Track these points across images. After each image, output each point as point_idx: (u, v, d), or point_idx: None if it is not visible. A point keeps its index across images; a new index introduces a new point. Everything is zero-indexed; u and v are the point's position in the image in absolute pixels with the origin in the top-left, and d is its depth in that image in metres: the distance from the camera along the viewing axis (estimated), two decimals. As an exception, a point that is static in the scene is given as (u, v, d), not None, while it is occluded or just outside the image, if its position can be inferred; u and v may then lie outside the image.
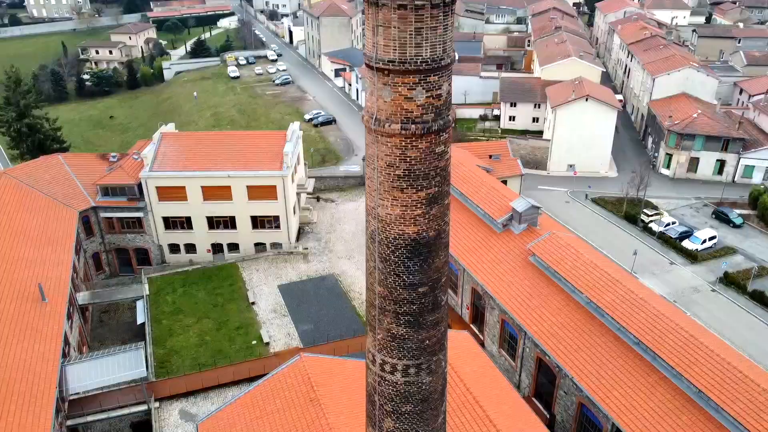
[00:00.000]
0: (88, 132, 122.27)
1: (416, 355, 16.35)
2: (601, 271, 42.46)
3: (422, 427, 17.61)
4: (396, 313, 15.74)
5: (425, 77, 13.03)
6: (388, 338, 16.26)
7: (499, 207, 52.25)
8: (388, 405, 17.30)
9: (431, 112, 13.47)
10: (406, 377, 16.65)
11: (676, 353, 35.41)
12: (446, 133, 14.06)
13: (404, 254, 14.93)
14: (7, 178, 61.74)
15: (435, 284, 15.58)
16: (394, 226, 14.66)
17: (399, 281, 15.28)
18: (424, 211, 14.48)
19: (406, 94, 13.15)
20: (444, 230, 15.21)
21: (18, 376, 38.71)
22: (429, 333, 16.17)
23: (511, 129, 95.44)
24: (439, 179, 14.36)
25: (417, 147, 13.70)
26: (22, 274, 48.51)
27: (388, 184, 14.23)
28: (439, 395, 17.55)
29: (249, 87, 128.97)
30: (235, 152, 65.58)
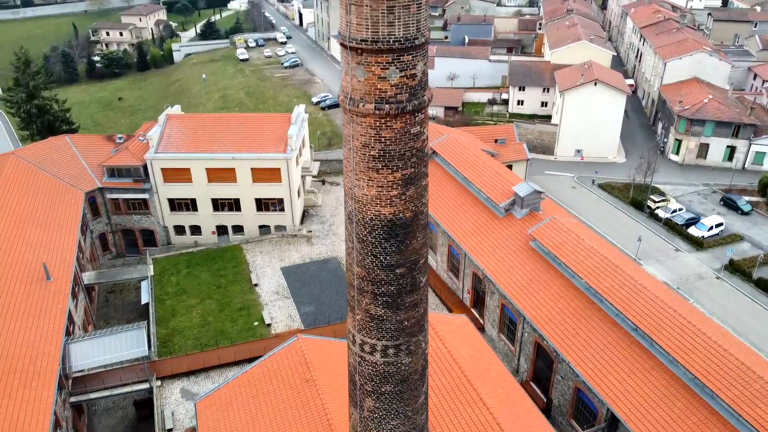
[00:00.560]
0: (97, 113, 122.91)
1: (395, 335, 16.41)
2: (601, 256, 42.23)
3: (402, 407, 17.74)
4: (374, 293, 15.78)
5: (399, 57, 12.91)
6: (367, 319, 16.32)
7: (501, 191, 52.00)
8: (368, 385, 17.42)
9: (405, 92, 13.38)
10: (386, 358, 16.74)
11: (673, 339, 35.26)
12: (422, 113, 13.96)
13: (381, 235, 14.92)
14: (15, 158, 62.30)
15: (413, 265, 15.58)
16: (370, 207, 14.65)
17: (376, 262, 15.30)
18: (400, 192, 14.44)
19: (379, 73, 13.06)
20: (421, 212, 15.16)
21: (22, 353, 39.37)
22: (408, 314, 16.20)
23: (520, 113, 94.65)
24: (415, 160, 14.29)
25: (391, 127, 13.63)
26: (28, 253, 49.12)
27: (363, 165, 14.20)
28: (420, 376, 17.64)
29: (258, 69, 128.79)
30: (239, 135, 65.64)
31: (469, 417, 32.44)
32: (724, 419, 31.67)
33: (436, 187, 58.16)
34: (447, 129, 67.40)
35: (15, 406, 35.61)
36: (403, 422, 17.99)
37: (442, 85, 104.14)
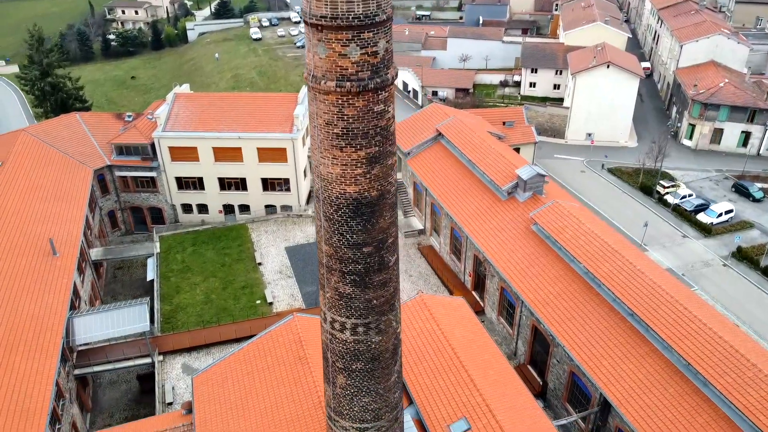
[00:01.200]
0: (111, 92, 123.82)
1: (364, 314, 16.51)
2: (601, 241, 41.89)
3: (373, 385, 17.90)
4: (342, 272, 15.87)
5: (359, 34, 12.81)
6: (336, 297, 16.43)
7: (505, 174, 51.64)
8: (340, 362, 17.59)
9: (367, 69, 13.29)
10: (355, 336, 16.87)
11: (668, 326, 35.01)
12: (385, 91, 13.86)
13: (347, 214, 14.95)
14: (26, 135, 63.18)
15: (380, 245, 15.61)
16: (335, 186, 14.67)
17: (343, 240, 15.36)
18: (365, 171, 14.42)
19: (340, 51, 12.98)
20: (388, 191, 15.14)
21: (26, 326, 40.24)
22: (376, 293, 16.27)
23: (531, 96, 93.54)
24: (380, 139, 14.24)
25: (354, 105, 13.58)
26: (36, 228, 49.94)
27: (327, 143, 14.20)
28: (391, 355, 17.75)
29: (270, 49, 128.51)
30: (246, 114, 65.76)
31: (459, 398, 32.64)
32: (715, 406, 31.51)
33: (441, 170, 57.94)
34: (454, 111, 66.86)
35: (18, 377, 36.51)
36: (375, 399, 18.16)
37: (455, 66, 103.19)
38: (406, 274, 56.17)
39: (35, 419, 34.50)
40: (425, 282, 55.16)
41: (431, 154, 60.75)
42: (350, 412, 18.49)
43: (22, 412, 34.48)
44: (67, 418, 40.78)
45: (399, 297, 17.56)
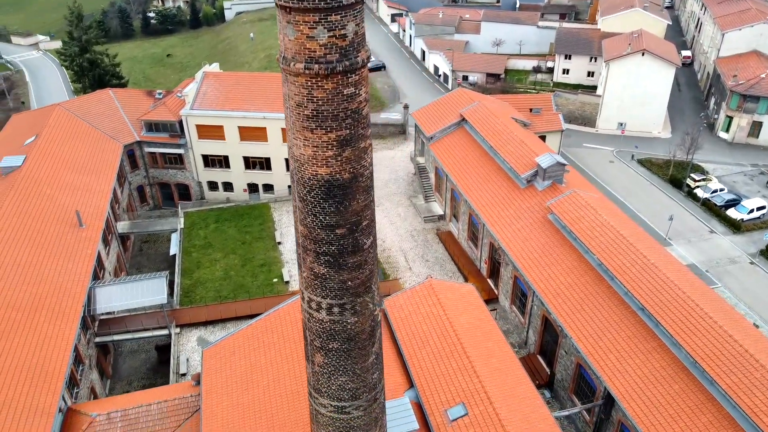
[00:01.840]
0: (149, 69, 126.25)
1: (339, 295, 16.74)
2: (617, 233, 41.13)
3: (350, 365, 18.18)
4: (316, 252, 16.10)
5: (326, 16, 12.86)
6: (311, 276, 16.70)
7: (525, 162, 51.01)
8: (317, 341, 17.91)
9: (335, 52, 13.35)
10: (331, 315, 17.13)
11: (678, 321, 34.32)
12: (355, 74, 13.91)
13: (319, 195, 15.14)
14: (61, 110, 65.17)
15: (354, 227, 15.76)
16: (307, 167, 14.85)
17: (317, 221, 15.56)
18: (336, 153, 14.55)
19: (307, 33, 13.06)
20: (361, 174, 15.24)
21: (49, 292, 41.86)
22: (351, 275, 16.47)
23: (564, 83, 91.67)
24: (351, 121, 14.32)
25: (323, 87, 13.68)
26: (65, 199, 51.66)
27: (299, 124, 14.35)
28: (368, 336, 17.98)
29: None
30: (272, 94, 66.30)
31: (458, 383, 32.78)
32: (719, 405, 30.87)
33: (462, 155, 57.54)
34: (480, 96, 66.09)
35: (39, 340, 38.10)
36: (352, 379, 18.46)
37: (488, 50, 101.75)
38: (423, 259, 56.29)
39: (53, 381, 36.01)
40: (441, 267, 55.18)
41: (454, 139, 60.34)
42: (328, 390, 18.85)
43: (41, 374, 36.04)
44: (85, 382, 42.50)
45: (377, 280, 17.72)
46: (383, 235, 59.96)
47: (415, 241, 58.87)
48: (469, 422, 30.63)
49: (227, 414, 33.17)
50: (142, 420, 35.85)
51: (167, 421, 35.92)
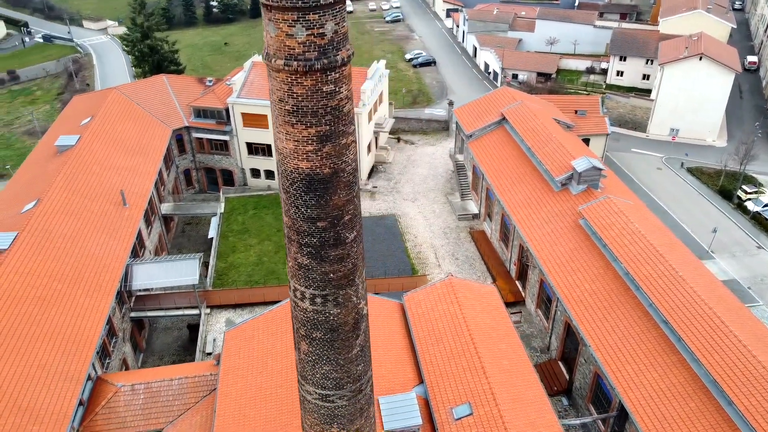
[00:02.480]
0: (207, 56, 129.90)
1: (321, 286, 17.18)
2: (647, 242, 39.97)
3: (334, 355, 18.64)
4: (299, 243, 16.58)
5: (304, 15, 13.24)
6: (295, 266, 17.21)
7: (561, 165, 50.11)
8: (302, 329, 18.45)
9: (314, 50, 13.71)
10: (314, 306, 17.61)
11: (700, 337, 33.17)
12: (335, 72, 14.24)
13: (301, 188, 15.58)
14: (117, 93, 68.19)
15: (335, 221, 16.14)
16: (289, 160, 15.31)
17: (299, 213, 16.03)
18: (316, 148, 14.94)
19: (287, 30, 13.47)
20: (343, 169, 15.58)
21: (89, 266, 44.13)
22: (333, 267, 16.87)
23: (617, 85, 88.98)
24: (331, 118, 14.67)
25: (302, 84, 14.08)
26: (112, 179, 54.17)
27: (281, 119, 14.82)
28: (351, 328, 18.36)
29: (359, 22, 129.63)
30: (316, 86, 67.30)
31: (467, 383, 32.79)
32: (735, 427, 29.74)
33: (500, 155, 56.99)
34: (523, 95, 65.15)
35: (75, 311, 40.28)
36: (335, 369, 18.91)
37: (541, 49, 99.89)
38: (453, 257, 56.18)
39: (84, 350, 38.07)
40: (470, 266, 54.94)
41: (493, 138, 59.79)
42: (313, 378, 19.37)
43: (74, 343, 38.15)
44: (117, 354, 44.66)
45: (361, 274, 18.06)
46: (416, 230, 60.15)
47: (447, 238, 58.78)
48: (473, 422, 30.63)
49: (241, 395, 34.30)
50: (164, 393, 37.53)
51: (186, 396, 37.46)
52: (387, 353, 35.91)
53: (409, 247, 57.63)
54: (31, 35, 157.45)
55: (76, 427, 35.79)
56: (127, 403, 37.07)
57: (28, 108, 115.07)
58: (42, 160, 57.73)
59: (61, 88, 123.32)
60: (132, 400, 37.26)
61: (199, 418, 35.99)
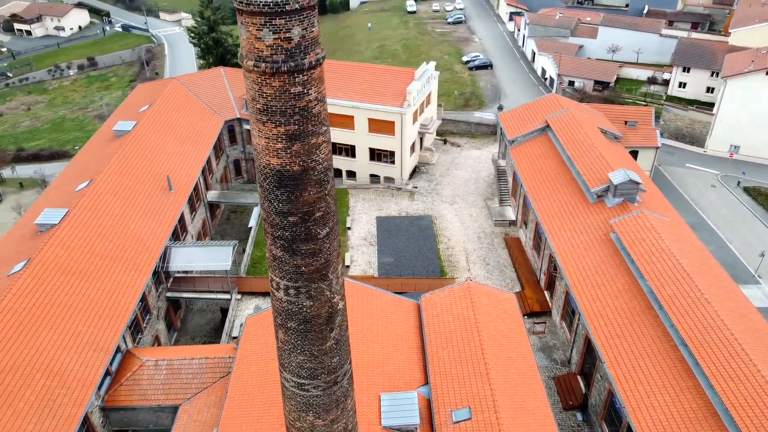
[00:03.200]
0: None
1: (294, 278, 17.94)
2: (675, 261, 38.67)
3: (308, 346, 19.38)
4: (273, 235, 17.39)
5: (270, 20, 13.98)
6: (271, 257, 18.04)
7: (598, 176, 49.02)
8: (279, 318, 19.28)
9: (281, 53, 14.43)
10: (288, 296, 18.39)
11: (717, 363, 31.93)
12: (303, 75, 14.90)
13: (272, 183, 16.37)
14: (176, 83, 71.49)
15: (306, 216, 16.84)
16: (262, 156, 16.13)
17: (272, 207, 16.83)
18: (286, 146, 15.67)
19: (255, 34, 14.26)
20: (312, 168, 16.25)
21: (130, 245, 46.74)
22: (305, 261, 17.59)
23: (679, 97, 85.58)
24: (299, 118, 15.36)
25: (271, 85, 14.83)
26: (161, 164, 56.95)
27: (254, 116, 15.65)
28: (325, 321, 19.04)
29: (421, 23, 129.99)
30: (364, 84, 68.39)
31: (470, 388, 32.88)
32: (743, 459, 28.56)
33: (539, 162, 56.26)
34: (571, 103, 63.93)
35: (112, 287, 42.80)
36: (309, 359, 19.64)
37: (602, 56, 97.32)
38: (484, 262, 55.93)
39: (116, 324, 40.46)
40: (500, 273, 54.55)
41: (535, 145, 59.03)
42: (289, 366, 20.18)
43: (107, 317, 40.60)
44: (150, 330, 47.10)
45: (336, 269, 18.67)
46: (450, 233, 60.19)
47: (480, 243, 58.53)
48: (471, 427, 30.73)
49: (252, 379, 35.66)
50: (184, 371, 39.44)
51: (204, 376, 39.23)
52: (397, 351, 36.42)
53: (441, 249, 57.76)
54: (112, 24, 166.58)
55: (102, 394, 38.22)
56: (150, 377, 39.20)
57: (102, 93, 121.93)
58: (101, 143, 61.41)
59: (134, 76, 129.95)
60: (154, 374, 39.37)
61: (214, 398, 37.65)
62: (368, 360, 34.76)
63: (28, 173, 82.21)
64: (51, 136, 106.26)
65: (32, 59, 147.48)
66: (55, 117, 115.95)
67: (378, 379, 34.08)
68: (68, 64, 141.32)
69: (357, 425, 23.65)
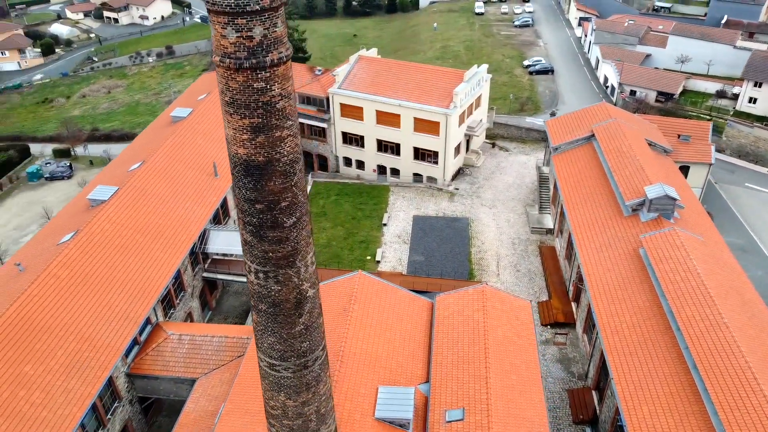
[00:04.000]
0: (337, 47, 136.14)
1: (262, 263, 19.03)
2: (700, 282, 37.27)
3: (277, 329, 20.45)
4: (243, 221, 18.54)
5: (233, 19, 15.04)
6: (243, 241, 19.21)
7: (634, 189, 47.74)
8: (252, 300, 20.45)
9: (244, 51, 15.46)
10: (258, 280, 19.52)
11: (725, 389, 30.72)
12: (266, 72, 15.89)
13: (240, 171, 17.49)
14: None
15: (272, 205, 17.86)
16: (231, 145, 17.27)
17: (241, 194, 17.97)
18: (250, 137, 16.73)
19: (221, 31, 15.38)
20: (277, 159, 17.22)
21: (171, 225, 49.50)
22: (271, 247, 18.64)
23: (748, 113, 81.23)
24: (263, 112, 16.36)
25: (235, 80, 15.91)
26: (210, 151, 59.72)
27: (223, 108, 16.80)
28: (293, 306, 20.03)
29: (487, 25, 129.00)
30: (413, 84, 69.03)
31: (467, 390, 33.10)
32: (739, 491, 27.46)
33: (580, 171, 55.24)
34: (622, 113, 62.20)
35: (148, 263, 45.57)
36: (279, 341, 20.71)
37: (670, 66, 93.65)
38: (514, 269, 55.50)
39: (148, 297, 43.10)
40: (530, 280, 54.00)
41: (578, 153, 57.93)
42: (262, 346, 21.33)
43: (140, 289, 43.32)
44: (183, 307, 49.72)
45: (304, 258, 19.59)
46: (485, 236, 60.00)
47: (514, 249, 58.06)
48: (461, 428, 31.01)
49: (262, 360, 37.16)
50: (204, 348, 41.57)
51: (222, 354, 41.20)
52: (403, 347, 37.03)
53: (473, 252, 57.71)
54: (191, 15, 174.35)
55: (128, 361, 40.89)
56: (173, 350, 41.57)
57: (175, 81, 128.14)
58: (159, 128, 65.06)
59: (206, 66, 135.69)
60: (177, 348, 41.72)
61: (228, 375, 39.53)
62: (373, 353, 35.56)
63: (98, 152, 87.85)
64: (125, 118, 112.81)
65: (117, 46, 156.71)
66: (131, 101, 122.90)
67: (381, 372, 34.82)
68: (148, 52, 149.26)
69: (333, 410, 24.57)
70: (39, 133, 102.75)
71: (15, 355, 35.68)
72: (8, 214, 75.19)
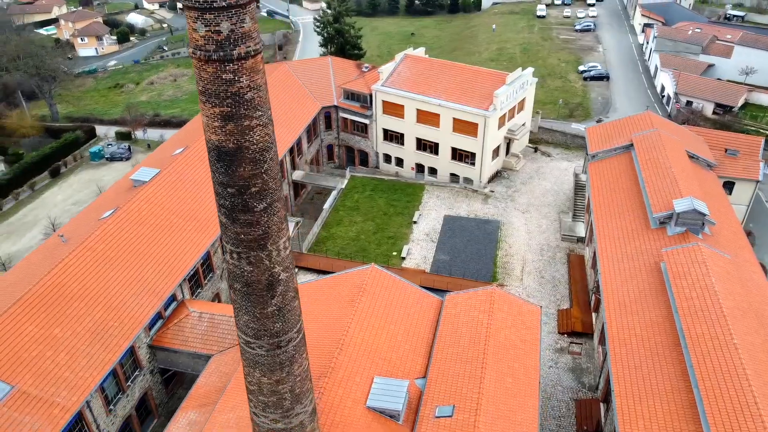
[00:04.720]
0: (395, 45, 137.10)
1: (236, 243, 20.27)
2: (715, 300, 36.10)
3: (250, 308, 21.67)
4: (218, 203, 19.84)
5: (202, 14, 16.25)
6: (220, 223, 20.52)
7: (663, 202, 46.50)
8: (228, 279, 21.76)
9: (212, 44, 16.65)
10: (232, 259, 20.78)
11: (724, 413, 29.80)
12: (233, 64, 17.03)
13: (213, 156, 18.77)
14: (285, 67, 77.09)
15: (242, 190, 19.04)
16: (205, 131, 18.57)
17: (216, 178, 19.26)
18: (221, 125, 17.95)
19: (192, 25, 16.64)
20: (247, 147, 18.36)
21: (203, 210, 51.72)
22: (243, 230, 19.83)
23: (813, 130, 76.82)
24: (232, 101, 17.52)
25: (206, 70, 17.15)
26: (251, 141, 62.07)
27: (199, 96, 18.11)
28: (265, 287, 21.17)
29: (547, 28, 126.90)
30: (455, 84, 69.28)
31: (461, 389, 33.46)
32: None
33: (614, 180, 54.15)
34: (666, 123, 60.35)
35: (179, 242, 47.93)
36: (253, 320, 21.93)
37: (734, 78, 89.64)
38: (539, 275, 55.03)
39: (175, 274, 45.46)
40: (553, 288, 53.42)
41: (615, 162, 56.72)
42: (239, 323, 22.62)
43: (169, 267, 45.76)
44: (210, 288, 52.01)
45: (276, 242, 20.63)
46: (513, 240, 59.67)
47: (542, 255, 57.50)
48: (449, 424, 31.46)
49: (271, 342, 38.68)
50: (221, 327, 43.56)
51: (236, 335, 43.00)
52: (406, 341, 37.71)
53: (500, 256, 57.54)
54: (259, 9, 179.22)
55: (151, 334, 43.39)
56: (193, 326, 43.79)
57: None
58: (206, 115, 67.95)
59: (268, 58, 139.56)
60: (197, 324, 43.91)
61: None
62: (374, 345, 36.40)
63: (156, 137, 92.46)
64: (186, 105, 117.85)
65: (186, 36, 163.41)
66: (194, 90, 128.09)
67: (380, 363, 35.63)
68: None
69: (310, 391, 25.64)
70: (107, 116, 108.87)
71: (47, 318, 38.64)
72: (70, 189, 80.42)
